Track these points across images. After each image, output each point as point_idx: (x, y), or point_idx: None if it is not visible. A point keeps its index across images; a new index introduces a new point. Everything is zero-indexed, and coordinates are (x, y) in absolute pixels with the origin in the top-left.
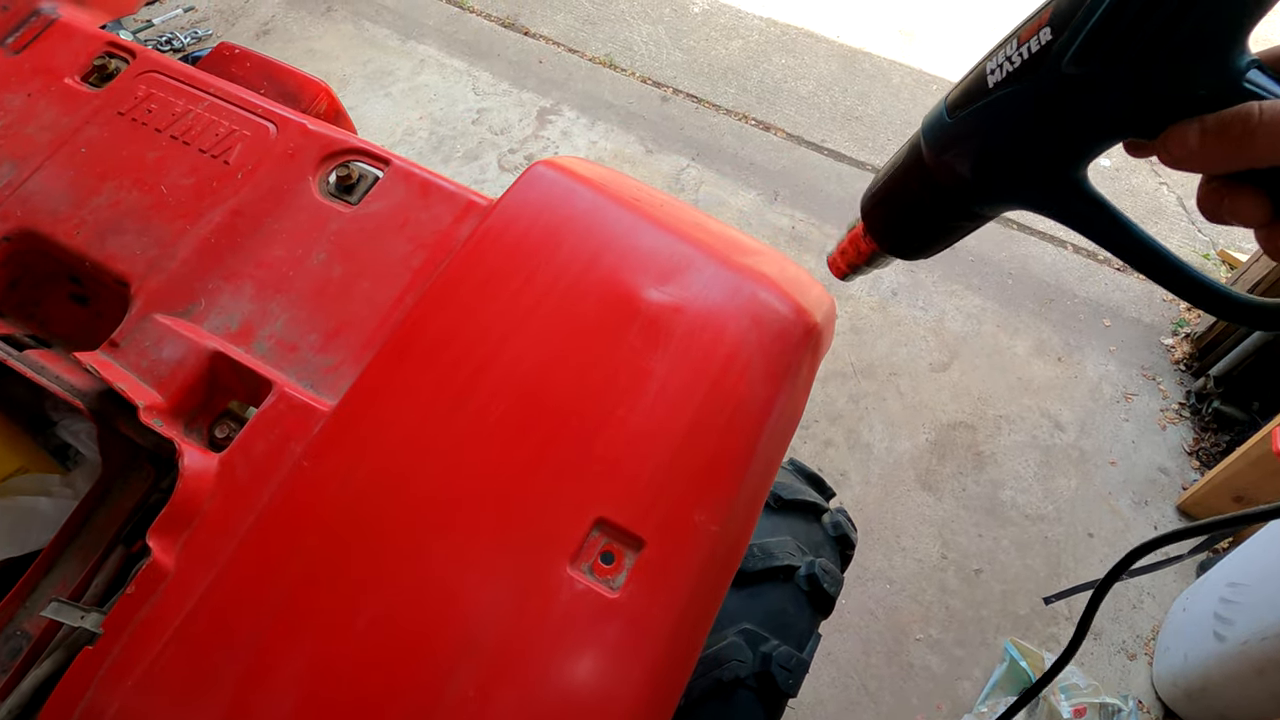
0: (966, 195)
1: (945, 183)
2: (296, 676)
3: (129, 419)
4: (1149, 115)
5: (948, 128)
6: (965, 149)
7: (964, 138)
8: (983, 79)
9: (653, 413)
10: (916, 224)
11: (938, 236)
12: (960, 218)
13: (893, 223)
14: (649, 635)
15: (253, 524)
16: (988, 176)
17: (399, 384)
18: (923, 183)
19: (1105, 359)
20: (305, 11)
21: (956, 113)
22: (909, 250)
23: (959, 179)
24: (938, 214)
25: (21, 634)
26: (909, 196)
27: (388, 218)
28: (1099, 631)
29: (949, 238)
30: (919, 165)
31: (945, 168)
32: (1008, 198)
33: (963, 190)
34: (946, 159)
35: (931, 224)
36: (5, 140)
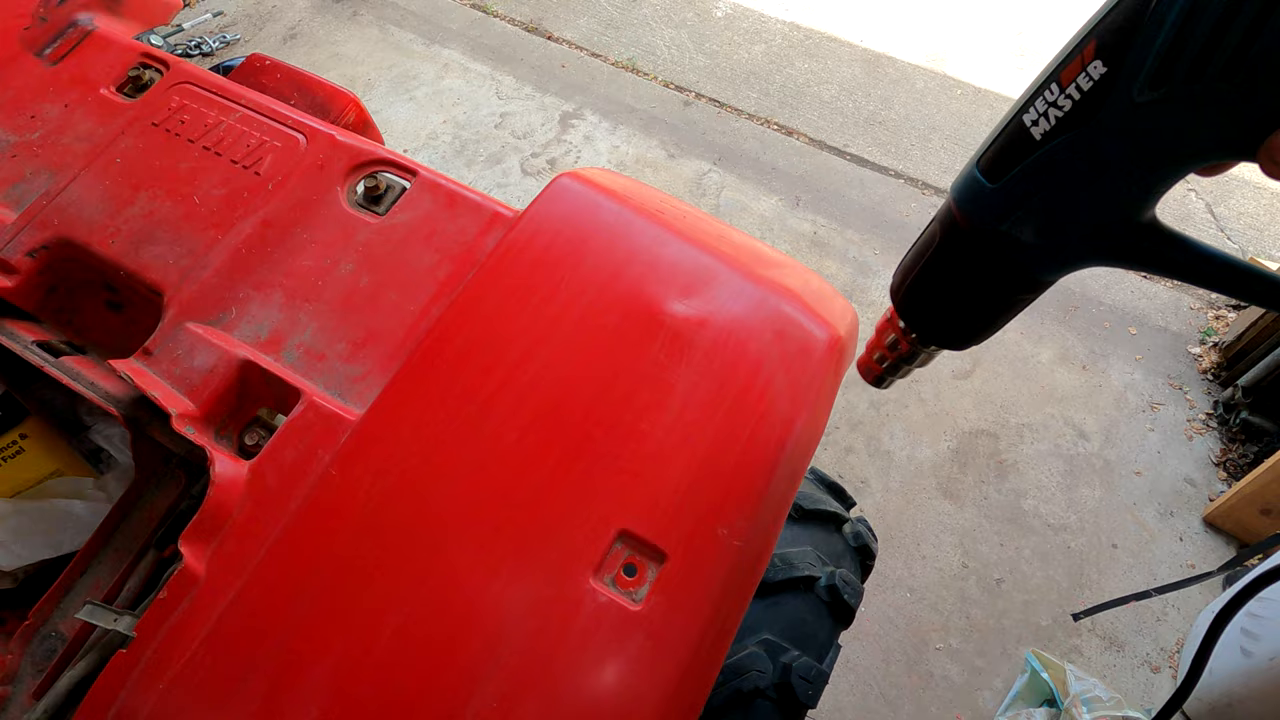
0: (1031, 264)
1: (1000, 255)
2: (323, 683)
3: (162, 426)
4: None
5: (992, 195)
6: (1024, 215)
7: (1018, 202)
8: (1023, 132)
9: (676, 426)
10: (968, 307)
11: (994, 316)
12: (1021, 290)
13: (938, 310)
14: (671, 648)
15: (281, 531)
16: (1058, 239)
17: (425, 394)
18: (969, 260)
19: (1131, 367)
20: (331, 16)
21: (999, 176)
22: (960, 339)
23: (1020, 248)
24: (993, 291)
25: (56, 635)
26: (953, 277)
27: (414, 228)
28: (1122, 644)
29: (1007, 315)
30: (959, 241)
31: (999, 239)
32: (1080, 258)
33: (1027, 259)
34: (1001, 230)
35: (986, 304)
36: (43, 150)
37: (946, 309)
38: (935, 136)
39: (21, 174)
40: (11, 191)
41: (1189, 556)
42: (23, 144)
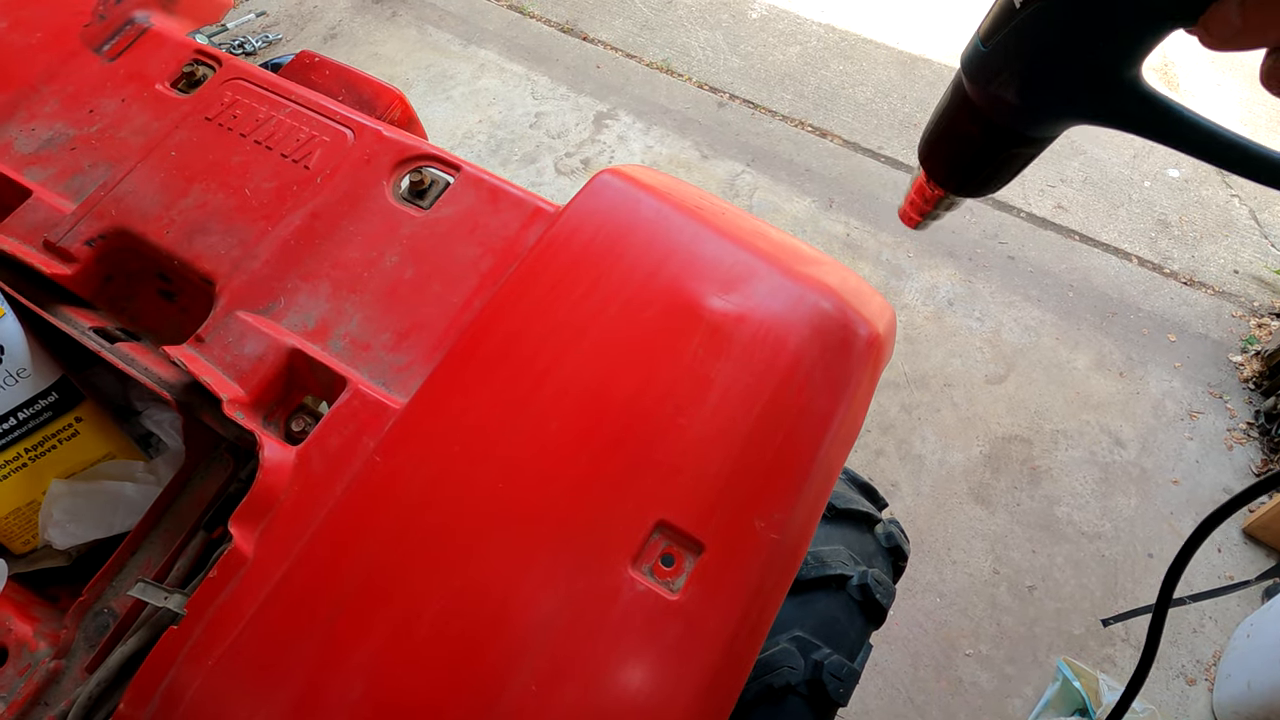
0: (1019, 121)
1: (995, 113)
2: (365, 665)
3: (212, 411)
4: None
5: (986, 58)
6: (1008, 75)
7: (1004, 64)
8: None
9: (714, 419)
10: (976, 161)
11: (999, 169)
12: (1018, 145)
13: (952, 164)
14: (707, 638)
15: (326, 516)
16: (1037, 97)
17: (467, 384)
18: (973, 118)
19: (1169, 375)
20: (371, 17)
21: (991, 41)
22: (973, 188)
23: (1009, 106)
24: (994, 147)
25: (109, 611)
26: (962, 135)
27: (458, 222)
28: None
29: (1011, 167)
30: (965, 102)
31: (992, 99)
32: (1061, 114)
33: (1015, 117)
34: (992, 90)
35: (990, 158)
36: (101, 143)
37: (960, 164)
38: None
39: (81, 166)
40: (71, 182)
41: (1227, 568)
42: (82, 137)
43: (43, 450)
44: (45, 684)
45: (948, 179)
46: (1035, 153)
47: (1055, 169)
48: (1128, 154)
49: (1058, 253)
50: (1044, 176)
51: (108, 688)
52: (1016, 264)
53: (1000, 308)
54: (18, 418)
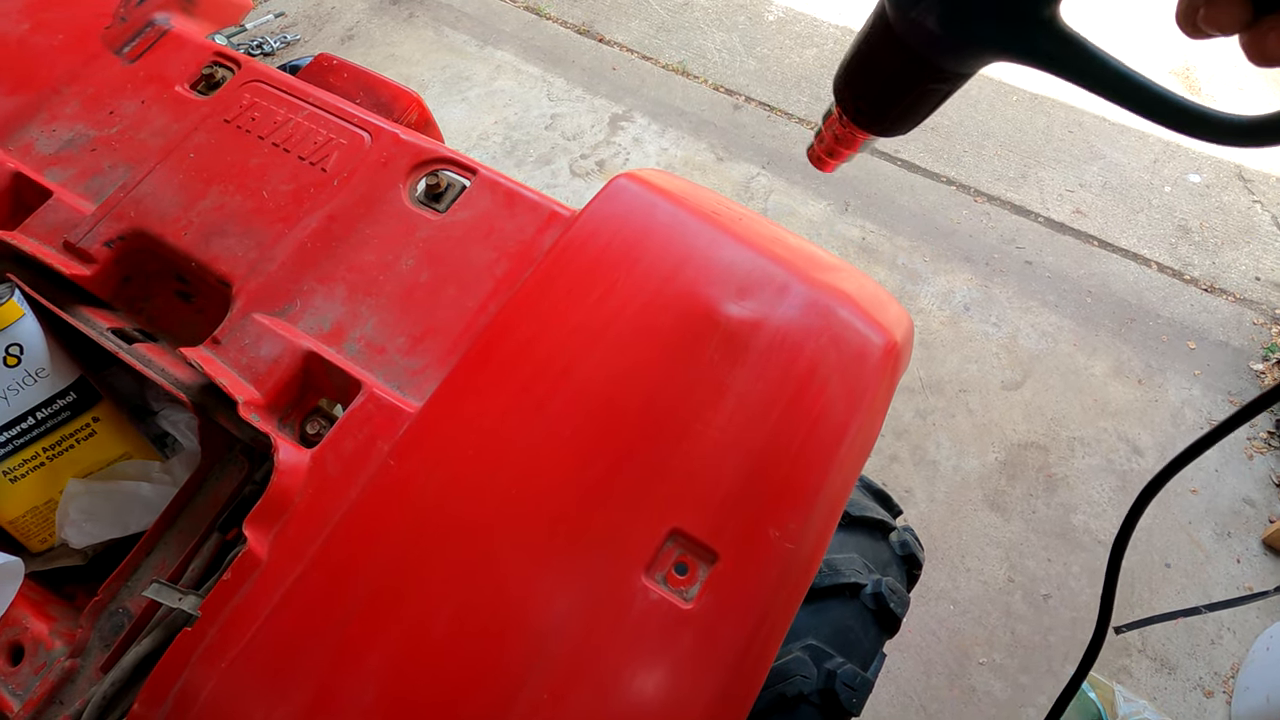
0: (939, 52)
1: (916, 43)
2: (377, 669)
3: (228, 413)
4: None
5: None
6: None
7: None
8: None
9: (729, 427)
10: (892, 94)
11: (916, 104)
12: (937, 79)
13: (868, 97)
14: (721, 648)
15: (341, 519)
16: (957, 27)
17: (482, 389)
18: (892, 49)
19: (1189, 383)
20: (389, 18)
21: None
22: (888, 124)
23: (930, 35)
24: (913, 79)
25: (123, 611)
26: (880, 66)
27: (474, 226)
28: (1174, 666)
29: (927, 103)
30: (886, 31)
31: (913, 26)
32: (980, 47)
33: (935, 47)
34: (913, 16)
35: (908, 91)
36: (121, 144)
37: (876, 97)
38: (989, 143)
39: (101, 166)
40: (91, 183)
41: (1246, 579)
42: (102, 138)
43: (60, 449)
44: (60, 683)
45: (861, 113)
46: (951, 89)
47: (1074, 173)
48: (1148, 159)
49: (1076, 258)
50: (1063, 181)
51: (122, 688)
52: (1034, 269)
53: (1017, 313)
54: (36, 417)
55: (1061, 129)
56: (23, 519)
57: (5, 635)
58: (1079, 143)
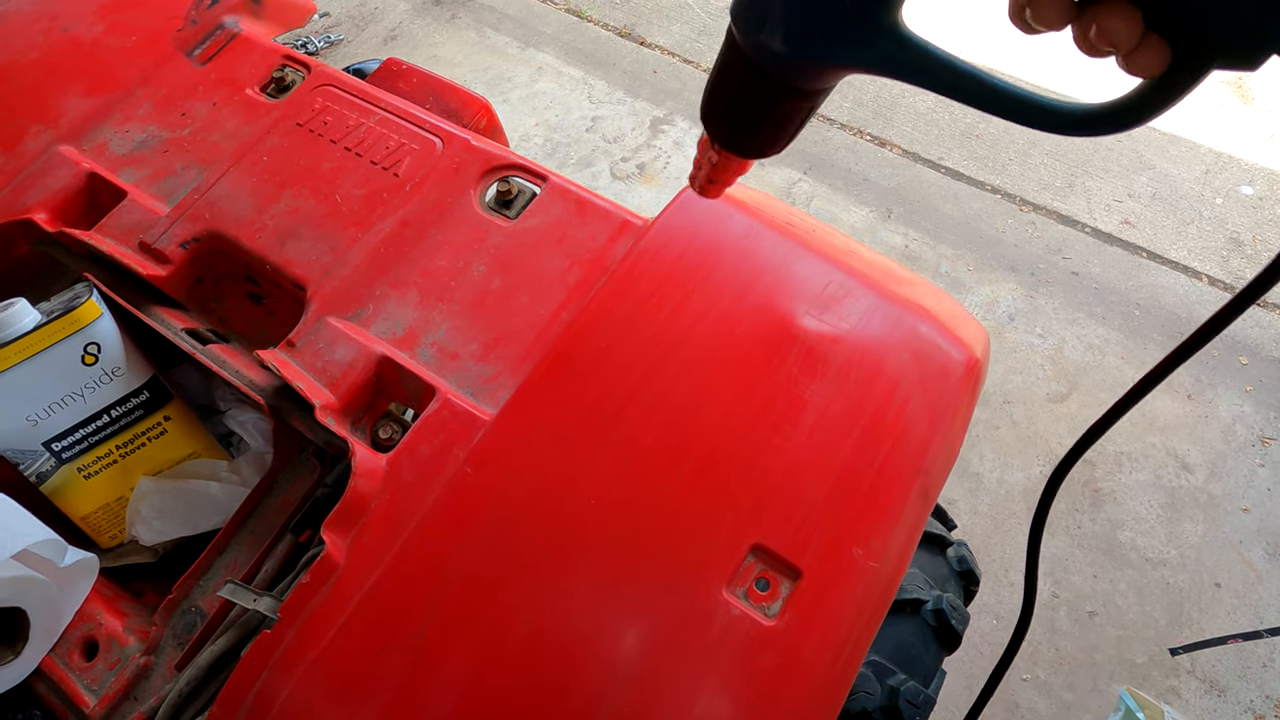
0: (789, 72)
1: (765, 64)
2: (457, 677)
3: (303, 415)
4: None
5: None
6: (771, 22)
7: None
8: None
9: (810, 442)
10: (754, 117)
11: (780, 125)
12: (792, 98)
13: (728, 121)
14: (805, 666)
15: (417, 525)
16: (800, 44)
17: (558, 398)
18: (746, 72)
19: (1240, 399)
20: (431, 19)
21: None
22: (751, 148)
23: (776, 56)
24: (770, 101)
25: (196, 610)
26: (738, 90)
27: (545, 233)
28: (1223, 688)
29: (792, 123)
30: (737, 53)
31: (760, 48)
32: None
33: (784, 67)
34: (760, 39)
35: (769, 113)
36: (193, 146)
37: (736, 121)
38: (1035, 151)
39: (173, 168)
40: (164, 184)
41: None
42: (174, 140)
43: (133, 447)
44: (135, 679)
45: (725, 138)
46: (812, 106)
47: (1123, 184)
48: (1199, 170)
49: (1124, 270)
50: (1111, 191)
51: (197, 686)
52: (1080, 280)
53: (1063, 324)
54: (111, 415)
55: (1110, 138)
56: (94, 515)
57: (80, 630)
58: (1128, 152)
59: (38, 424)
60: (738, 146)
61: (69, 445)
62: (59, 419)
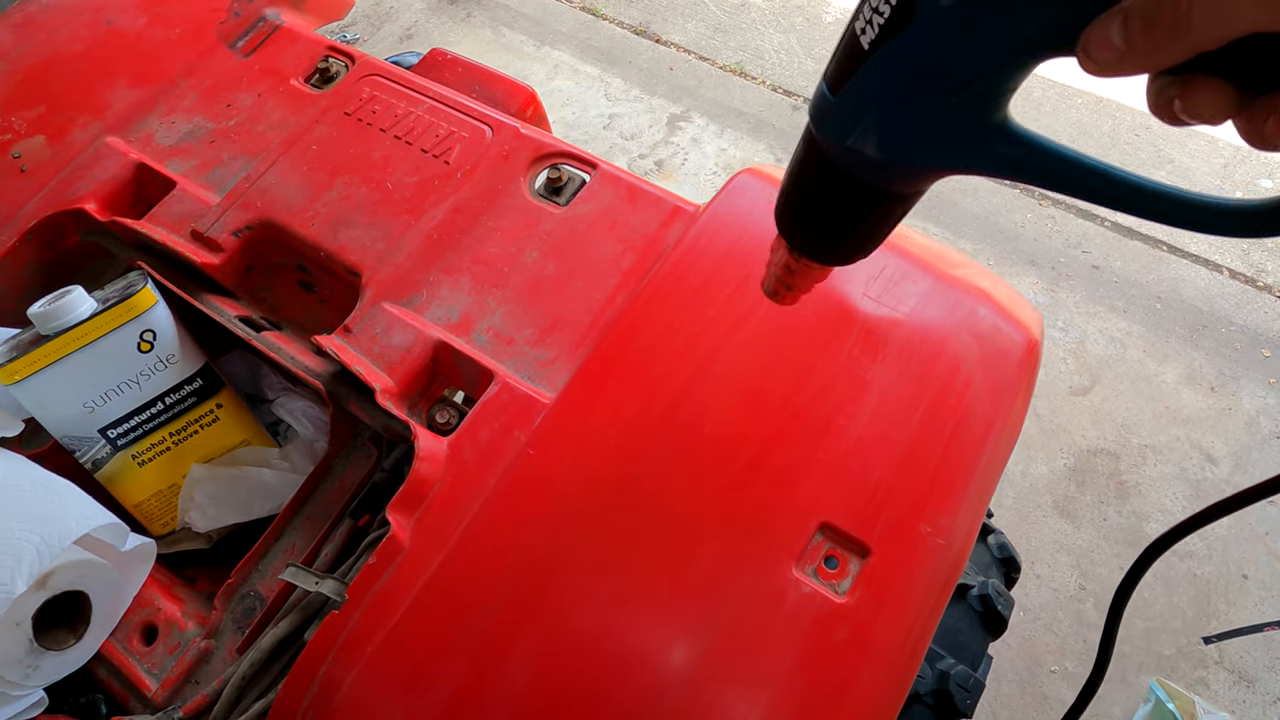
0: (884, 178)
1: (855, 170)
2: (528, 657)
3: (361, 400)
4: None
5: (835, 108)
6: (865, 127)
7: (858, 114)
8: (855, 43)
9: (875, 422)
10: (835, 224)
11: (868, 231)
12: (883, 202)
13: (809, 228)
14: (876, 643)
15: (481, 507)
16: (897, 149)
17: (618, 380)
18: (829, 176)
19: (1264, 391)
20: (446, 18)
21: (838, 88)
22: (836, 255)
23: (870, 162)
24: (857, 207)
25: (255, 595)
26: (817, 195)
27: (596, 220)
28: (1252, 679)
29: (882, 228)
30: (820, 159)
31: (850, 154)
32: (927, 166)
33: (878, 173)
34: (849, 144)
35: (853, 220)
36: (240, 136)
37: (820, 229)
38: None
39: (221, 158)
40: (212, 174)
41: None
42: (220, 130)
43: (186, 435)
44: (196, 663)
45: (809, 246)
46: (907, 208)
47: None
48: (1218, 163)
49: (1145, 263)
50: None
51: (260, 668)
52: (1101, 274)
53: (1085, 318)
54: (165, 402)
55: (1128, 132)
56: (147, 502)
57: (138, 616)
58: (1146, 146)
59: (94, 411)
60: (820, 254)
61: (124, 432)
62: (114, 406)
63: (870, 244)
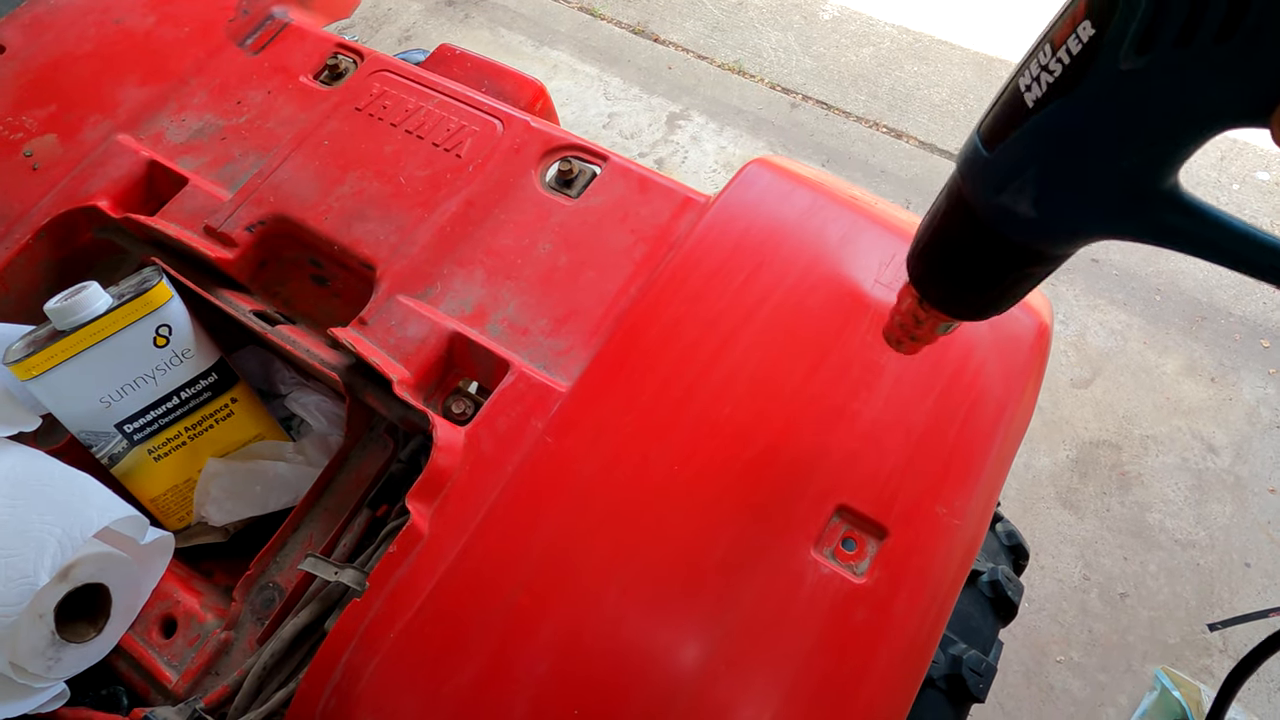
0: (1035, 237)
1: (1003, 228)
2: (551, 641)
3: (377, 391)
4: (1249, 93)
5: (989, 164)
6: (1020, 185)
7: (1015, 172)
8: (1018, 97)
9: (889, 405)
10: (978, 281)
11: (1008, 289)
12: (1030, 263)
13: (950, 284)
14: (896, 622)
15: (500, 494)
16: (1054, 212)
17: (634, 368)
18: (975, 233)
19: (1264, 381)
20: (445, 19)
21: (994, 144)
22: (971, 311)
23: (1020, 221)
24: (1002, 265)
25: (273, 586)
26: (962, 252)
27: (608, 211)
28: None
29: (1022, 287)
30: (966, 214)
31: (1000, 212)
32: (1085, 230)
33: (1029, 232)
34: (1000, 202)
35: (997, 278)
36: (250, 133)
37: (956, 281)
38: None
39: (232, 155)
40: (224, 171)
41: None
42: (231, 127)
43: (201, 429)
44: (216, 654)
45: (944, 300)
46: (1051, 269)
47: None
48: (1214, 155)
49: (1143, 255)
50: None
51: (280, 658)
52: (1100, 267)
53: (1085, 311)
54: (180, 396)
55: None
56: (163, 497)
57: (157, 609)
58: None
59: (110, 406)
60: (954, 309)
61: (140, 427)
62: (131, 401)
63: (1007, 302)
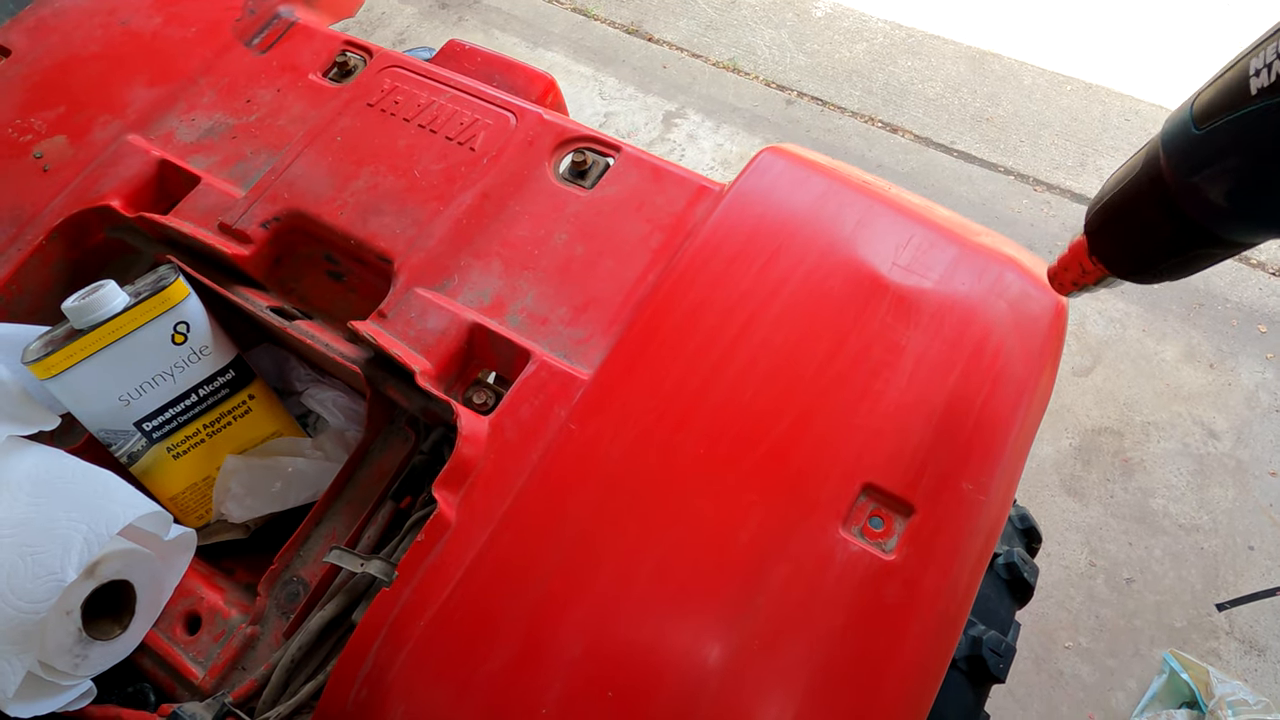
0: (1221, 224)
1: (1193, 208)
2: (582, 624)
3: (399, 383)
4: None
5: (1197, 142)
6: (1222, 169)
7: (1220, 155)
8: (1243, 82)
9: (911, 385)
10: (1154, 251)
11: (1180, 265)
12: (1210, 245)
13: (1125, 246)
14: (925, 599)
15: (526, 481)
16: (1253, 202)
17: (655, 354)
18: (1162, 206)
19: (1261, 366)
20: (438, 22)
21: (1208, 123)
22: (1145, 276)
23: (1212, 207)
24: (1181, 242)
25: (297, 580)
26: (1144, 219)
27: (623, 201)
28: (1264, 648)
29: (1194, 266)
30: (1157, 184)
31: (1193, 191)
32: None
33: (1216, 218)
34: (1196, 181)
35: (1173, 252)
36: (261, 131)
37: (1134, 249)
38: (1045, 133)
39: (243, 153)
40: (236, 169)
41: None
42: (241, 126)
43: (219, 426)
44: (242, 649)
45: (1116, 261)
46: (1225, 256)
47: None
48: None
49: None
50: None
51: (308, 650)
52: None
53: (1084, 300)
54: (199, 394)
55: (1118, 117)
56: (182, 495)
57: (181, 605)
58: (1136, 130)
59: (129, 404)
60: (1127, 271)
61: (159, 425)
62: (150, 399)
63: (1173, 276)
